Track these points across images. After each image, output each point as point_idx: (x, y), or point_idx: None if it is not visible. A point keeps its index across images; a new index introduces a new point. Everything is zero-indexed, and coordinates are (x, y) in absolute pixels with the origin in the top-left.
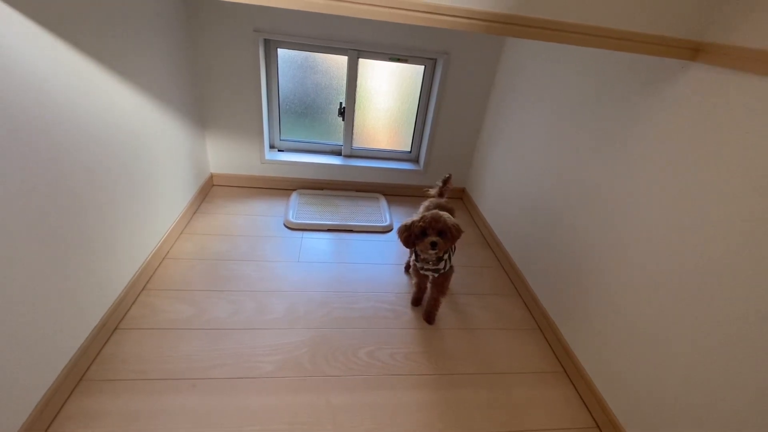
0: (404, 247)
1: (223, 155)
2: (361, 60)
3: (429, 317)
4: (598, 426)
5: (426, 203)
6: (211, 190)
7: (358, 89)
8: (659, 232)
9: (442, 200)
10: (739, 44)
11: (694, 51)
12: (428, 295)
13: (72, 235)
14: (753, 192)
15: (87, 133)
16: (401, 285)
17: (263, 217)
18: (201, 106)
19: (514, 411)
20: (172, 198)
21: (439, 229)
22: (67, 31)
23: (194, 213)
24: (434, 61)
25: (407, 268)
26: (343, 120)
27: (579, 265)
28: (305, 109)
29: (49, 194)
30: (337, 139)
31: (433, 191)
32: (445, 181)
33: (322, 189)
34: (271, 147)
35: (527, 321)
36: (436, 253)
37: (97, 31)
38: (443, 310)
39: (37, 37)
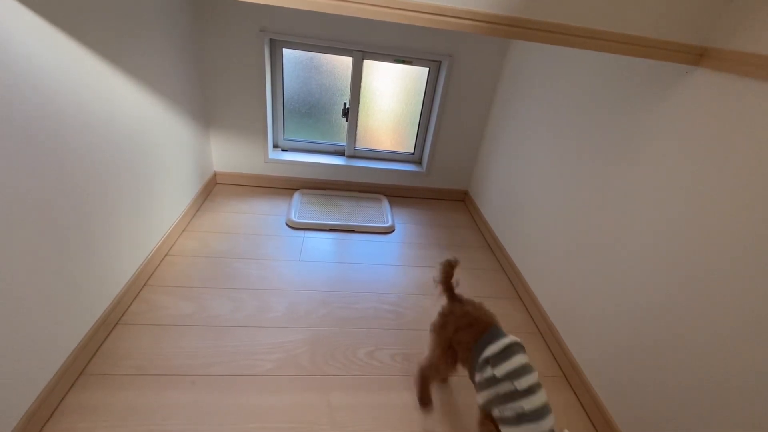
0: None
1: (227, 154)
2: (365, 61)
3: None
4: None
5: (444, 311)
6: (214, 189)
7: (362, 90)
8: (661, 236)
9: (466, 305)
10: (744, 50)
11: (698, 56)
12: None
13: (75, 230)
14: (760, 199)
15: (91, 129)
16: (402, 286)
17: (265, 215)
18: (206, 104)
19: None
20: (175, 195)
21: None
22: (73, 27)
23: (197, 211)
24: (438, 63)
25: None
26: (346, 121)
27: (581, 269)
28: (309, 109)
29: (53, 190)
30: (341, 140)
31: (438, 279)
32: (449, 269)
33: (324, 189)
34: (275, 146)
35: (528, 324)
36: None
37: (104, 29)
38: None
39: (43, 33)
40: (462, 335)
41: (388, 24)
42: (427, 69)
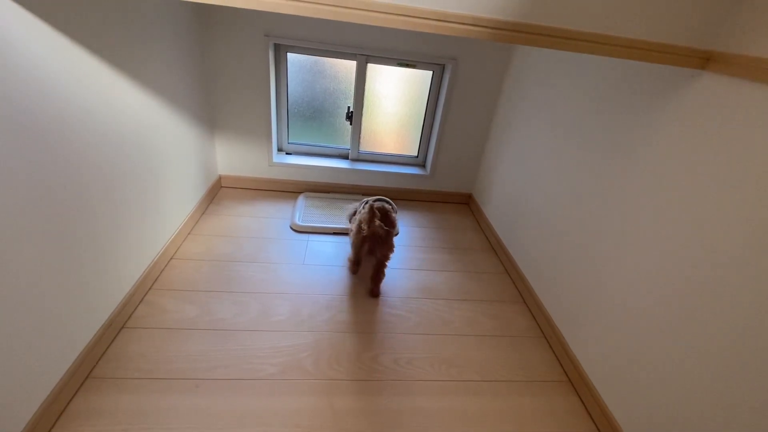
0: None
1: (232, 157)
2: (369, 65)
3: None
4: None
5: None
6: (219, 192)
7: (366, 93)
8: (667, 243)
9: None
10: (750, 54)
11: (704, 60)
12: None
13: (80, 234)
14: (765, 201)
15: (97, 133)
16: (406, 289)
17: (270, 219)
18: (211, 108)
19: (518, 420)
20: (180, 199)
21: None
22: (80, 34)
23: (202, 214)
24: (442, 66)
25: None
26: (350, 124)
27: (585, 273)
28: (313, 113)
29: (59, 193)
30: (345, 143)
31: None
32: None
33: (328, 192)
34: (279, 150)
35: (532, 329)
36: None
37: (110, 34)
38: (447, 315)
39: (49, 39)
40: None
41: (391, 28)
42: (430, 72)
